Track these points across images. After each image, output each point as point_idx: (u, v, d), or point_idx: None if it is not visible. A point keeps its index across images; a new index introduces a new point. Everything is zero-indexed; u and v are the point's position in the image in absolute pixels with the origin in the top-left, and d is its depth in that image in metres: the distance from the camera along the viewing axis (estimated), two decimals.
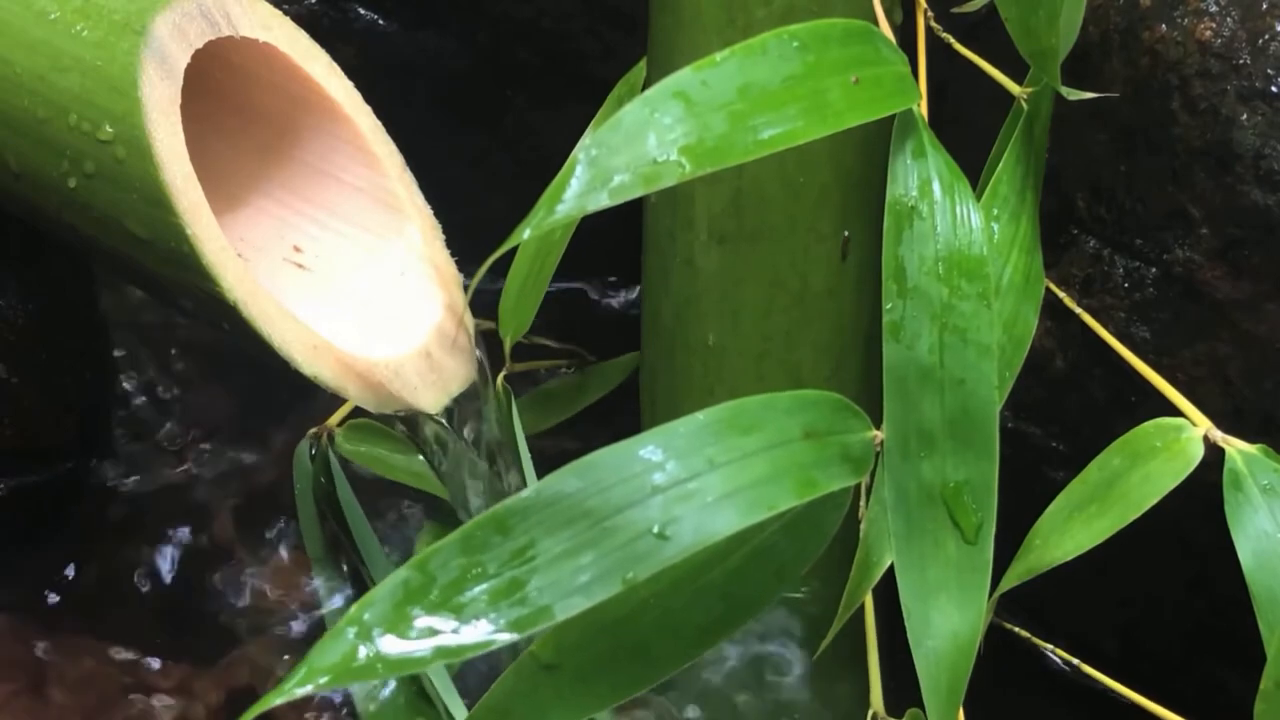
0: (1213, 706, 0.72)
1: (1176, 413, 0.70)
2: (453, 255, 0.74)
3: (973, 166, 0.71)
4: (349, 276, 0.74)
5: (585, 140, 0.58)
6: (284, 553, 0.88)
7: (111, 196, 0.67)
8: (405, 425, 0.74)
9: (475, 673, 0.77)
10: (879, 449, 0.64)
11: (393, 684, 0.78)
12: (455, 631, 0.54)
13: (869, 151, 0.75)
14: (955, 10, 0.76)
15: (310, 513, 0.85)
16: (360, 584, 0.83)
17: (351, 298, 0.73)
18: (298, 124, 0.74)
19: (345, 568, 0.84)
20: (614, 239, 0.82)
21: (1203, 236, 0.72)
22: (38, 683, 0.81)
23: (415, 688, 0.78)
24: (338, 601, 0.84)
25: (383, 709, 0.78)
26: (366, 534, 0.84)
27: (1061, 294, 0.76)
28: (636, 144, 0.58)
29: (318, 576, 0.85)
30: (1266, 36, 0.70)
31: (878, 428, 0.64)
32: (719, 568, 0.63)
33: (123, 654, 0.83)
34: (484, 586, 0.55)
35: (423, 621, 0.54)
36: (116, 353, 0.94)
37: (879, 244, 0.67)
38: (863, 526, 0.68)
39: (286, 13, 0.71)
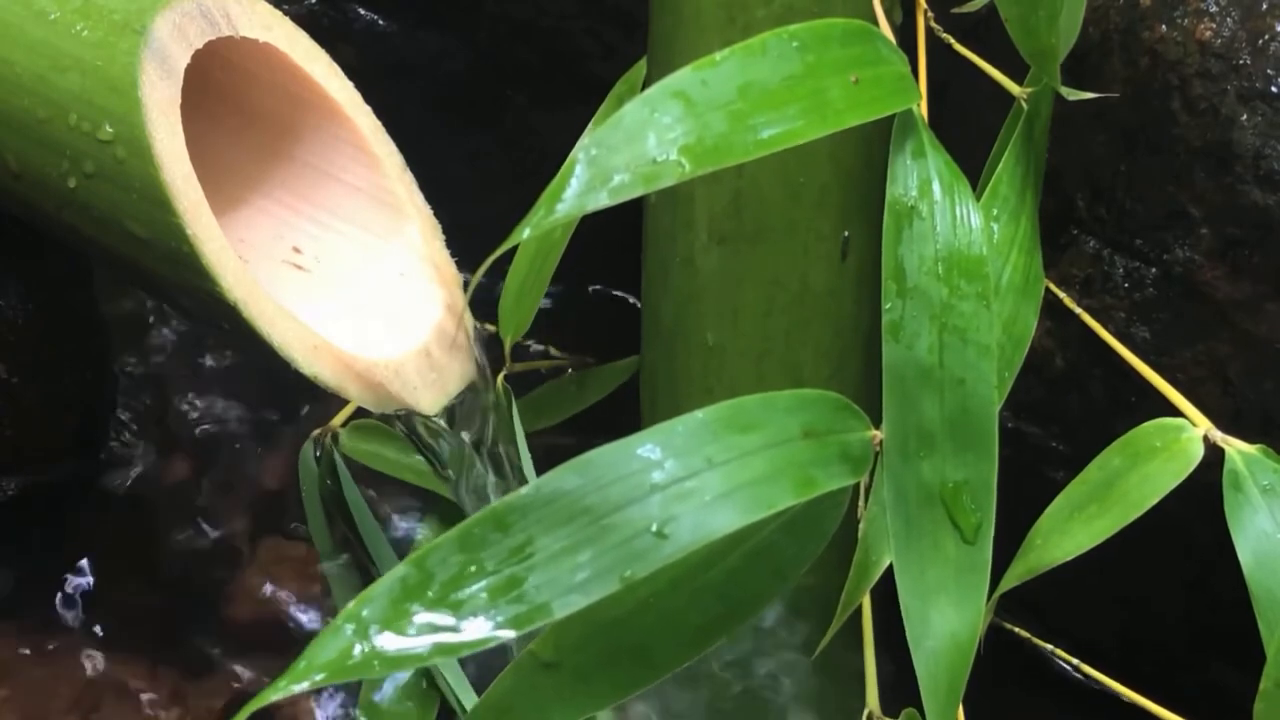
0: (1213, 706, 0.71)
1: (1176, 413, 0.70)
2: (453, 255, 0.74)
3: (973, 166, 0.70)
4: (349, 276, 0.74)
5: (585, 140, 0.58)
6: (286, 553, 0.88)
7: (111, 196, 0.67)
8: (404, 425, 0.74)
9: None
10: (878, 449, 0.64)
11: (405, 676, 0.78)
12: (453, 629, 0.54)
13: (869, 151, 0.75)
14: (955, 10, 0.76)
15: (318, 513, 0.85)
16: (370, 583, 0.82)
17: (351, 298, 0.73)
18: (298, 124, 0.74)
19: (355, 567, 0.84)
20: None
21: (1203, 236, 0.72)
22: (36, 684, 0.81)
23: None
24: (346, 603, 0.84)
25: (392, 700, 0.78)
26: (375, 533, 0.83)
27: (1061, 294, 0.76)
28: (636, 143, 0.58)
29: (328, 576, 0.85)
30: (1266, 36, 0.70)
31: (877, 427, 0.64)
32: (718, 567, 0.63)
33: (123, 655, 0.83)
34: (482, 584, 0.54)
35: (421, 618, 0.54)
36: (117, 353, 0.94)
37: (879, 244, 0.67)
38: (862, 526, 0.68)
39: (286, 13, 0.71)
